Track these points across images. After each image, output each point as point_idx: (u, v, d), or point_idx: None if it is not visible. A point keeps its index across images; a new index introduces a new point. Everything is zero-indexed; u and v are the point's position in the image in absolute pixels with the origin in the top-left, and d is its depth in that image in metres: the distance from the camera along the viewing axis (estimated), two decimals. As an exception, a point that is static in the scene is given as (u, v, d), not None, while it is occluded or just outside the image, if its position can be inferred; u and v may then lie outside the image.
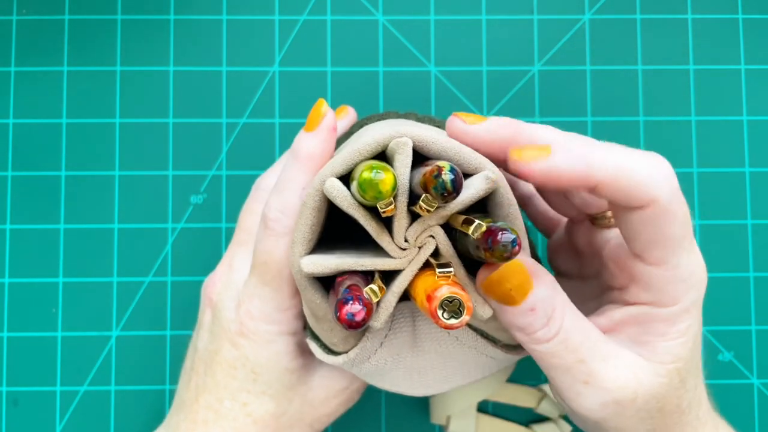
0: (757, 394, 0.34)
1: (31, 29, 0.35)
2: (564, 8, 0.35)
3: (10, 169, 0.34)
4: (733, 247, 0.34)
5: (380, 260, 0.20)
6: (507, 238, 0.17)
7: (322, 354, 0.24)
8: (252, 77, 0.35)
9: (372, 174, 0.17)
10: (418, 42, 0.35)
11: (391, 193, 0.18)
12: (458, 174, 0.17)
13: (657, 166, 0.20)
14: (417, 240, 0.20)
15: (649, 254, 0.21)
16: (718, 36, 0.35)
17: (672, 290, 0.21)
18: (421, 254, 0.20)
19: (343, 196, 0.20)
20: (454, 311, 0.18)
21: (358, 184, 0.18)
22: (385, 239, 0.20)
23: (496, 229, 0.17)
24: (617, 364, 0.21)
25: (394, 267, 0.20)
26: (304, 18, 0.35)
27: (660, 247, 0.20)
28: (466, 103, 0.35)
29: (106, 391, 0.34)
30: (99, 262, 0.34)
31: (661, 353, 0.21)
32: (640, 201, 0.19)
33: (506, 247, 0.17)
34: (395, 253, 0.20)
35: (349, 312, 0.18)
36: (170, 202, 0.34)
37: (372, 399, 0.34)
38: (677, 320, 0.21)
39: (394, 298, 0.20)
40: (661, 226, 0.20)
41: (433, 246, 0.20)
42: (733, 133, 0.35)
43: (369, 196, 0.18)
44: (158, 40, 0.35)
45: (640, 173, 0.19)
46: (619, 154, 0.20)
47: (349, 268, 0.20)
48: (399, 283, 0.20)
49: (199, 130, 0.35)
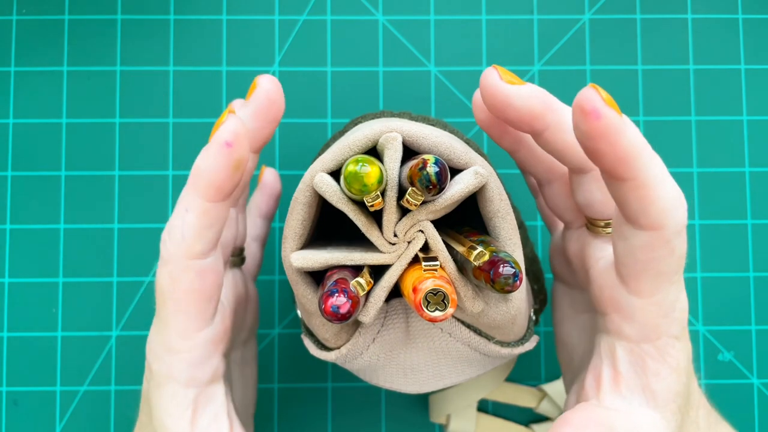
0: (757, 394, 0.34)
1: (31, 29, 0.35)
2: (564, 8, 0.35)
3: (10, 169, 0.34)
4: (733, 247, 0.34)
5: (370, 255, 0.20)
6: (508, 272, 0.17)
7: (315, 350, 0.24)
8: (252, 77, 0.35)
9: (357, 167, 0.18)
10: (418, 42, 0.35)
11: (377, 187, 0.18)
12: (443, 167, 0.17)
13: (680, 197, 0.19)
14: (406, 235, 0.20)
15: (636, 282, 0.20)
16: (718, 36, 0.35)
17: (654, 324, 0.20)
18: (410, 249, 0.20)
19: (332, 191, 0.20)
20: (438, 304, 0.18)
21: (344, 177, 0.18)
22: (375, 234, 0.20)
23: (498, 261, 0.18)
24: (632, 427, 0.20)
25: (384, 262, 0.20)
26: (304, 18, 0.35)
27: (650, 277, 0.20)
28: (467, 103, 0.35)
29: (106, 391, 0.34)
30: (99, 262, 0.34)
31: (662, 395, 0.20)
32: (648, 218, 0.19)
33: (507, 281, 0.17)
34: (384, 247, 0.20)
35: (334, 304, 0.18)
36: (170, 202, 0.34)
37: (372, 399, 0.34)
38: (665, 355, 0.20)
39: (383, 293, 0.20)
40: (658, 255, 0.19)
41: (422, 241, 0.20)
42: (733, 133, 0.35)
43: (354, 189, 0.18)
44: (158, 40, 0.35)
45: (663, 191, 0.18)
46: (655, 160, 0.18)
47: (338, 263, 0.20)
48: (388, 277, 0.20)
49: (199, 130, 0.35)
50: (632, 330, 0.21)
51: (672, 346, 0.20)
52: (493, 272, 0.18)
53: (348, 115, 0.35)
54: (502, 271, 0.17)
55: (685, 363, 0.21)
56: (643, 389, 0.21)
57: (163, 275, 0.21)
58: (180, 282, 0.20)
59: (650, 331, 0.20)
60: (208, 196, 0.20)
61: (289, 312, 0.34)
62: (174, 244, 0.20)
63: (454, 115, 0.35)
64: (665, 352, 0.20)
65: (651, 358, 0.20)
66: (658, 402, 0.20)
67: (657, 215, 0.19)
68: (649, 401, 0.21)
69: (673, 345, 0.20)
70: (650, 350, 0.20)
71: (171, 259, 0.20)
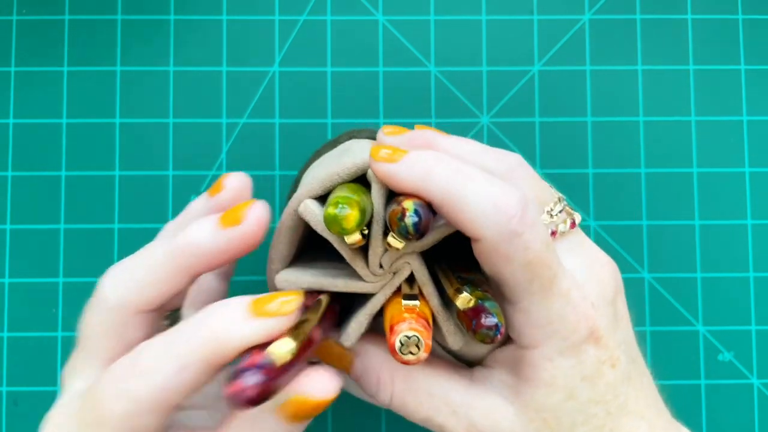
0: (757, 394, 0.34)
1: (31, 29, 0.35)
2: (564, 8, 0.35)
3: (10, 169, 0.34)
4: (733, 247, 0.34)
5: (353, 283, 0.20)
6: (490, 323, 0.18)
7: None
8: (252, 77, 0.35)
9: (337, 210, 0.17)
10: (418, 42, 0.35)
11: (355, 229, 0.18)
12: (423, 216, 0.17)
13: (497, 204, 0.18)
14: (392, 266, 0.20)
15: (497, 289, 0.20)
16: (718, 36, 0.35)
17: (528, 333, 0.20)
18: (395, 280, 0.20)
19: (317, 221, 0.20)
20: (412, 347, 0.18)
21: (324, 218, 0.18)
22: (359, 264, 0.20)
23: (482, 310, 0.18)
24: (475, 413, 0.20)
25: (367, 291, 0.20)
26: (304, 18, 0.35)
27: (504, 285, 0.19)
28: (466, 103, 0.35)
29: (106, 391, 0.33)
30: (99, 262, 0.34)
31: (527, 399, 0.20)
32: (469, 233, 0.19)
33: (488, 333, 0.18)
34: (369, 278, 0.20)
35: (242, 387, 0.15)
36: (170, 202, 0.34)
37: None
38: (539, 367, 0.20)
39: (365, 320, 0.20)
40: (496, 265, 0.19)
41: (407, 272, 0.20)
42: (733, 133, 0.35)
43: (334, 230, 0.18)
44: (158, 40, 0.35)
45: (469, 206, 0.18)
46: (466, 181, 0.18)
47: (321, 288, 0.20)
48: (371, 306, 0.20)
49: (199, 130, 0.35)
50: (512, 332, 0.20)
51: (548, 360, 0.19)
52: (475, 322, 0.18)
53: (348, 115, 0.35)
54: (484, 322, 0.18)
55: (565, 383, 0.20)
56: (512, 387, 0.20)
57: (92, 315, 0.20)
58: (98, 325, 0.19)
59: (524, 338, 0.20)
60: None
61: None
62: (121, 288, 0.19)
63: (454, 115, 0.35)
64: (539, 364, 0.20)
65: (526, 364, 0.20)
66: (521, 402, 0.20)
67: (468, 228, 0.18)
68: (512, 398, 0.20)
69: (550, 359, 0.19)
70: (525, 356, 0.20)
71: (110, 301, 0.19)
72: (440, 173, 0.19)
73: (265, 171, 0.34)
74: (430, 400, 0.20)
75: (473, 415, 0.20)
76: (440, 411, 0.20)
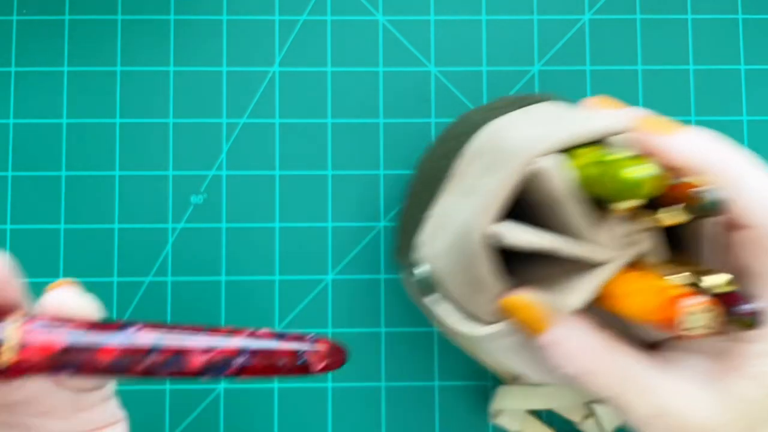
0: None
1: (31, 29, 0.35)
2: (564, 8, 0.35)
3: (10, 169, 0.34)
4: (733, 247, 0.34)
5: (587, 247, 0.18)
6: (751, 309, 0.16)
7: (459, 322, 0.22)
8: (252, 77, 0.35)
9: (641, 173, 0.16)
10: (418, 42, 0.35)
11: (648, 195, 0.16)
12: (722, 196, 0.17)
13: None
14: (630, 238, 0.19)
15: (739, 282, 0.20)
16: (718, 36, 0.35)
17: None
18: (632, 251, 0.19)
19: (563, 181, 0.18)
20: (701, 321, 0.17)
21: (620, 182, 0.16)
22: (594, 231, 0.18)
23: (739, 297, 0.17)
24: (666, 395, 0.19)
25: (601, 259, 0.19)
26: (304, 18, 0.35)
27: (751, 278, 0.19)
28: (467, 103, 0.35)
29: (106, 391, 0.34)
30: (99, 262, 0.34)
31: (728, 388, 0.19)
32: (740, 219, 0.19)
33: (749, 320, 0.16)
34: (606, 243, 0.18)
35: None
36: (170, 202, 0.34)
37: (372, 399, 0.34)
38: (751, 361, 0.19)
39: (592, 288, 0.19)
40: (757, 257, 0.19)
41: (648, 243, 0.19)
42: (733, 133, 0.35)
43: (626, 196, 0.16)
44: (158, 40, 0.35)
45: (749, 192, 0.19)
46: (746, 166, 0.19)
47: (550, 248, 0.18)
48: (602, 274, 0.19)
49: (199, 130, 0.35)
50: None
51: (764, 356, 0.19)
52: (735, 308, 0.16)
53: (348, 115, 0.35)
54: (746, 309, 0.16)
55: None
56: (704, 376, 0.20)
57: None
58: None
59: (749, 333, 0.19)
60: None
61: (288, 313, 0.34)
62: None
63: (454, 115, 0.35)
64: (756, 356, 0.19)
65: (736, 356, 0.19)
66: (718, 389, 0.19)
67: (744, 213, 0.19)
68: (705, 386, 0.20)
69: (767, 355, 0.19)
70: (739, 348, 0.19)
71: None
72: (721, 153, 0.19)
73: (265, 171, 0.34)
74: (621, 377, 0.20)
75: (663, 396, 0.20)
76: (629, 389, 0.20)
